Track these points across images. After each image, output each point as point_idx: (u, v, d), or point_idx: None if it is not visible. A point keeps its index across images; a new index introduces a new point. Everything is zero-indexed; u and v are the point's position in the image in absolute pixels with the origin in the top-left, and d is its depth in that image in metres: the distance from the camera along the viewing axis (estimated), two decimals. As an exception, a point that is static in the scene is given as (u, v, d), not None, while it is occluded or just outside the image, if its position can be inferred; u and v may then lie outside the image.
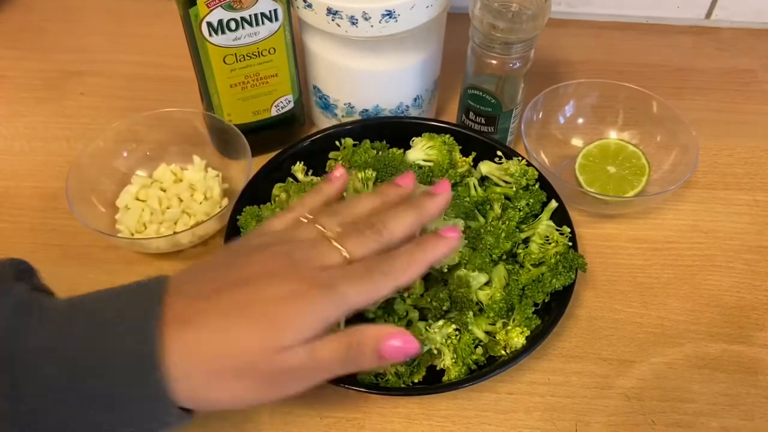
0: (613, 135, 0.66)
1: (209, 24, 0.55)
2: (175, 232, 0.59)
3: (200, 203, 0.62)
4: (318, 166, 0.62)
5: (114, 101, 0.74)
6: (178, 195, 0.63)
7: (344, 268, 0.36)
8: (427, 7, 0.57)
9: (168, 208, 0.62)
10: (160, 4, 0.87)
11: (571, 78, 0.77)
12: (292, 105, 0.66)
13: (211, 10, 0.55)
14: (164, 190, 0.63)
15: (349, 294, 0.35)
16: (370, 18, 0.55)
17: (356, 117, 0.65)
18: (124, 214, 0.61)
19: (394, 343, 0.35)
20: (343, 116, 0.66)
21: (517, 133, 0.66)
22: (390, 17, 0.55)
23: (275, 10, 0.57)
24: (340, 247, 0.37)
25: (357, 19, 0.56)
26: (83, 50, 0.82)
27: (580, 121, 0.67)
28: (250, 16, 0.56)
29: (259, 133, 0.65)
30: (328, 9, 0.56)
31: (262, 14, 0.57)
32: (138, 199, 0.62)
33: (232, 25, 0.56)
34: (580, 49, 0.81)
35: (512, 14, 0.56)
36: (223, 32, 0.56)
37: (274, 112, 0.65)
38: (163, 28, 0.84)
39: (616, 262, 0.60)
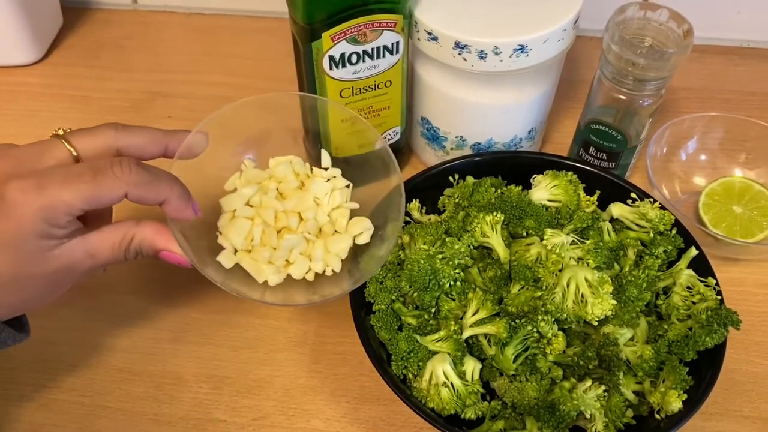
0: (737, 173, 0.63)
1: (331, 58, 0.53)
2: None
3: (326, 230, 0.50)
4: (428, 203, 0.59)
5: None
6: (298, 211, 0.49)
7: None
8: (559, 40, 0.54)
9: (286, 230, 0.48)
10: (243, 22, 0.85)
11: (675, 107, 0.74)
12: (398, 137, 0.63)
13: (335, 44, 0.52)
14: (283, 196, 0.50)
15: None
16: (500, 53, 0.53)
17: (466, 150, 0.62)
18: (230, 225, 0.48)
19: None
20: (452, 149, 0.63)
21: (632, 169, 0.63)
22: (522, 52, 0.53)
23: (397, 43, 0.54)
24: None
25: (486, 54, 0.53)
26: (165, 70, 0.79)
27: (703, 157, 0.63)
28: (372, 49, 0.54)
29: (363, 166, 0.62)
30: (456, 43, 0.53)
31: (385, 47, 0.54)
32: (248, 204, 0.49)
33: (354, 58, 0.54)
34: (680, 75, 0.76)
35: (647, 49, 0.53)
36: (344, 66, 0.54)
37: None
38: (248, 47, 0.82)
39: (747, 309, 0.57)
